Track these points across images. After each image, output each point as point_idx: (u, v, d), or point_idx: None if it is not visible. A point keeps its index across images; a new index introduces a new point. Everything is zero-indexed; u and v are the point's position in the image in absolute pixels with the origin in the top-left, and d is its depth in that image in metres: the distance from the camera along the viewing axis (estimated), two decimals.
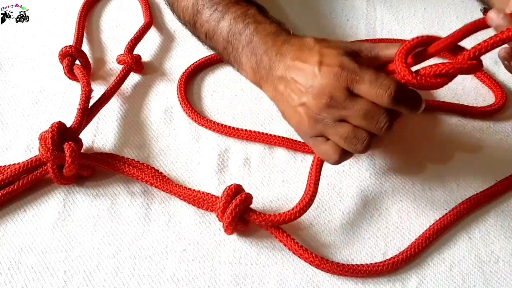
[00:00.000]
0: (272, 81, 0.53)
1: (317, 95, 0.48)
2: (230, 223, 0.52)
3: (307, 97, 0.49)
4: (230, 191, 0.53)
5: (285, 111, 0.53)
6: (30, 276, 0.52)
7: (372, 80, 0.46)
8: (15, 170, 0.56)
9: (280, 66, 0.52)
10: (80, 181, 0.59)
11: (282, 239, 0.53)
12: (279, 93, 0.53)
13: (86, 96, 0.62)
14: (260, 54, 0.54)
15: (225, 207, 0.52)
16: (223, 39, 0.59)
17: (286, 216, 0.52)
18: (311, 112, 0.49)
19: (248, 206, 0.53)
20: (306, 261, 0.52)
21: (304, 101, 0.49)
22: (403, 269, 0.53)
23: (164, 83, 0.70)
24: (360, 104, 0.47)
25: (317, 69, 0.48)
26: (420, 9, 0.79)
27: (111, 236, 0.55)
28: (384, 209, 0.57)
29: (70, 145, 0.56)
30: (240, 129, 0.63)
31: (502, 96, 0.66)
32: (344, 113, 0.48)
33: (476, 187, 0.59)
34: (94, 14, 0.79)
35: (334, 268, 0.52)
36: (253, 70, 0.56)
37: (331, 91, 0.47)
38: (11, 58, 0.73)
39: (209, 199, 0.54)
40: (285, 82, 0.52)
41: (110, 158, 0.59)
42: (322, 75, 0.48)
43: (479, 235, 0.56)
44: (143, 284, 0.52)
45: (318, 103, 0.48)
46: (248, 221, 0.53)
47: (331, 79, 0.47)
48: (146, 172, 0.58)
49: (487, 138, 0.64)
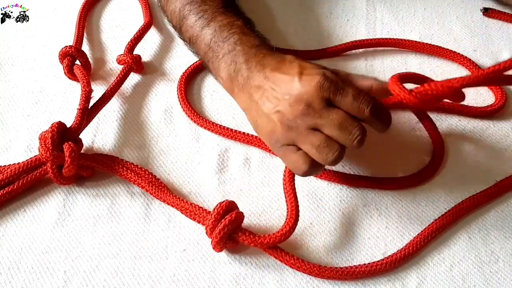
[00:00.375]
0: (248, 90, 0.54)
1: (294, 102, 0.49)
2: (218, 243, 0.51)
3: (283, 105, 0.50)
4: (220, 209, 0.51)
5: (258, 120, 0.53)
6: (30, 276, 0.52)
7: (355, 94, 0.48)
8: (15, 170, 0.56)
9: (259, 75, 0.53)
10: (80, 181, 0.59)
11: (276, 256, 0.52)
12: (254, 102, 0.53)
13: (86, 96, 0.62)
14: (240, 63, 0.55)
15: (214, 226, 0.51)
16: (205, 44, 0.60)
17: (276, 238, 0.51)
18: (286, 119, 0.49)
19: (239, 226, 0.52)
20: (305, 272, 0.52)
21: (279, 109, 0.50)
22: (403, 269, 0.53)
23: (164, 83, 0.70)
24: (336, 114, 0.48)
25: (297, 78, 0.50)
26: (420, 9, 0.79)
27: (111, 236, 0.55)
28: (384, 209, 0.57)
29: (69, 145, 0.56)
30: (239, 132, 0.63)
31: (502, 96, 0.66)
32: (319, 121, 0.48)
33: (476, 187, 0.59)
34: (94, 14, 0.79)
35: (334, 273, 0.51)
36: (230, 77, 0.56)
37: (308, 99, 0.48)
38: (11, 58, 0.73)
39: (200, 213, 0.54)
40: (262, 91, 0.52)
41: (110, 160, 0.59)
42: (302, 83, 0.49)
43: (479, 235, 0.56)
44: (143, 284, 0.52)
45: (294, 110, 0.49)
46: (237, 240, 0.52)
47: (311, 87, 0.48)
48: (144, 178, 0.58)
49: (487, 138, 0.64)
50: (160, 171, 0.60)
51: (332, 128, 0.48)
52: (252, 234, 0.52)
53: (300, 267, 0.52)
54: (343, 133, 0.48)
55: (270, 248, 0.52)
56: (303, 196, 0.58)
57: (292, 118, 0.49)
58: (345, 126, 0.48)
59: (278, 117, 0.50)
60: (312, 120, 0.48)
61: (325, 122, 0.48)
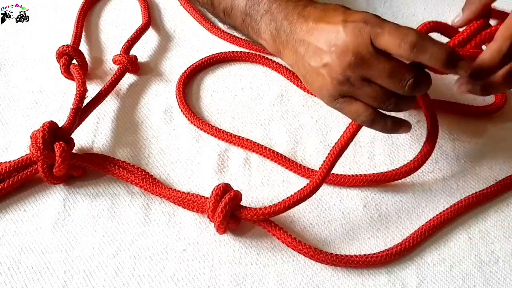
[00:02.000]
0: (293, 45, 0.52)
1: (340, 53, 0.47)
2: (221, 222, 0.52)
3: (330, 57, 0.48)
4: (219, 191, 0.52)
5: (306, 75, 0.52)
6: (30, 276, 0.52)
7: (392, 29, 0.45)
8: (5, 168, 0.56)
9: (302, 28, 0.51)
10: (80, 181, 0.59)
11: (275, 233, 0.53)
12: (300, 57, 0.51)
13: (80, 96, 0.62)
14: (280, 20, 0.53)
15: (215, 207, 0.52)
16: (240, 12, 0.58)
17: (276, 208, 0.52)
18: (335, 72, 0.48)
19: (238, 203, 0.53)
20: (300, 252, 0.52)
21: (327, 61, 0.48)
22: (403, 269, 0.53)
23: (164, 83, 0.70)
24: (384, 63, 0.46)
25: (341, 27, 0.47)
26: (420, 9, 0.79)
27: (111, 236, 0.55)
28: (384, 209, 0.57)
29: (60, 145, 0.56)
30: (238, 137, 0.62)
31: (502, 96, 0.66)
32: (369, 72, 0.46)
33: (476, 187, 0.59)
34: (94, 13, 0.79)
35: (328, 258, 0.52)
36: (272, 37, 0.55)
37: (355, 49, 0.46)
38: (11, 58, 0.73)
39: (198, 201, 0.54)
40: (306, 44, 0.50)
41: (101, 159, 0.59)
42: (347, 32, 0.47)
43: (479, 235, 0.56)
44: (143, 284, 0.52)
45: (342, 62, 0.47)
46: (239, 218, 0.53)
47: (356, 35, 0.46)
48: (136, 175, 0.58)
49: (487, 138, 0.64)
50: (160, 171, 0.60)
51: (383, 77, 0.46)
52: (252, 208, 0.52)
53: (296, 247, 0.52)
54: (394, 81, 0.46)
55: (271, 226, 0.53)
56: None
57: (342, 71, 0.47)
58: (395, 74, 0.46)
59: (327, 71, 0.48)
60: (362, 71, 0.47)
61: (375, 72, 0.46)
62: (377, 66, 0.46)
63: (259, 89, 0.69)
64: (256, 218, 0.53)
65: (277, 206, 0.52)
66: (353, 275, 0.53)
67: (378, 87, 0.47)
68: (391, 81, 0.46)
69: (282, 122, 0.65)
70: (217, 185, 0.53)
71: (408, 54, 0.45)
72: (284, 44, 0.53)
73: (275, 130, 0.64)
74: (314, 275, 0.52)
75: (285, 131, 0.64)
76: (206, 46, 0.74)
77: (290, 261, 0.53)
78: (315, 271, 0.53)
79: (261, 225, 0.54)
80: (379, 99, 0.47)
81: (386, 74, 0.46)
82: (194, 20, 0.78)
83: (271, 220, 0.54)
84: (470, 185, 0.59)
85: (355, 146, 0.62)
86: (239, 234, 0.55)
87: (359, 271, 0.53)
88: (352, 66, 0.47)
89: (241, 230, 0.55)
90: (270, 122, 0.65)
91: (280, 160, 0.60)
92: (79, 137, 0.62)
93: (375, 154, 0.62)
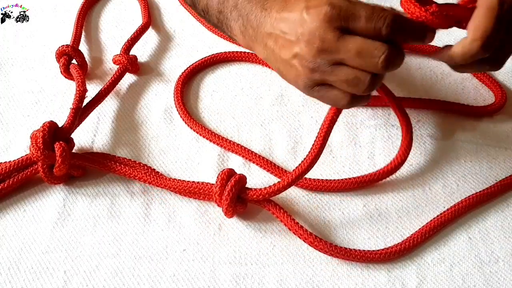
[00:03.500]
0: (261, 40, 0.51)
1: (307, 41, 0.46)
2: (229, 205, 0.53)
3: (298, 47, 0.47)
4: (224, 175, 0.54)
5: (280, 68, 0.51)
6: (30, 276, 0.52)
7: (369, 14, 0.44)
8: (5, 168, 0.56)
9: (267, 21, 0.50)
10: (80, 181, 0.59)
11: (279, 215, 0.54)
12: (270, 50, 0.50)
13: (80, 96, 0.62)
14: (245, 15, 0.52)
15: (222, 191, 0.53)
16: (215, 10, 0.57)
17: (281, 185, 0.53)
18: (306, 61, 0.47)
19: (244, 186, 0.54)
20: (301, 238, 0.53)
21: (296, 51, 0.47)
22: (403, 268, 0.53)
23: (164, 83, 0.70)
24: (351, 43, 0.44)
25: (305, 13, 0.46)
26: None
27: (111, 236, 0.55)
28: (384, 209, 0.57)
29: (60, 145, 0.56)
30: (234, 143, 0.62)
31: (502, 96, 0.66)
32: (338, 56, 0.45)
33: (476, 187, 0.59)
34: (94, 13, 0.79)
35: (327, 247, 0.52)
36: (242, 32, 0.54)
37: (321, 34, 0.45)
38: (11, 58, 0.73)
39: (204, 187, 0.55)
40: (274, 37, 0.49)
41: (102, 157, 0.59)
42: (311, 18, 0.45)
43: (479, 235, 0.56)
44: (143, 284, 0.52)
45: (311, 49, 0.46)
46: (246, 200, 0.54)
47: (321, 20, 0.44)
48: (139, 170, 0.58)
49: (487, 138, 0.64)
50: (160, 171, 0.60)
51: (352, 58, 0.44)
52: (258, 188, 0.53)
53: (297, 231, 0.53)
54: (366, 60, 0.44)
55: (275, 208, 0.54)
56: (303, 196, 0.58)
57: (312, 59, 0.46)
58: (364, 53, 0.44)
59: (298, 61, 0.47)
60: (330, 56, 0.45)
61: (344, 54, 0.45)
62: (345, 48, 0.44)
63: (259, 89, 0.69)
64: (262, 197, 0.53)
65: (281, 183, 0.53)
66: (353, 275, 0.53)
67: (351, 70, 0.45)
68: (363, 60, 0.44)
69: (282, 122, 0.65)
70: (222, 170, 0.54)
71: (386, 36, 0.44)
72: (253, 39, 0.52)
73: (275, 130, 0.64)
74: (314, 275, 0.52)
75: (285, 131, 0.64)
76: (206, 46, 0.74)
77: (290, 261, 0.53)
78: (315, 271, 0.53)
79: (266, 207, 0.54)
80: (352, 81, 0.45)
81: (356, 53, 0.44)
82: (194, 20, 0.78)
83: (276, 203, 0.54)
84: (470, 185, 0.59)
85: (355, 146, 0.62)
86: (239, 234, 0.55)
87: (359, 271, 0.53)
88: (320, 52, 0.45)
89: (241, 231, 0.55)
90: (270, 122, 0.65)
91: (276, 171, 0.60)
92: (79, 137, 0.62)
93: (375, 154, 0.62)
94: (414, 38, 0.46)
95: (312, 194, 0.59)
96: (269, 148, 0.63)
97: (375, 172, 0.59)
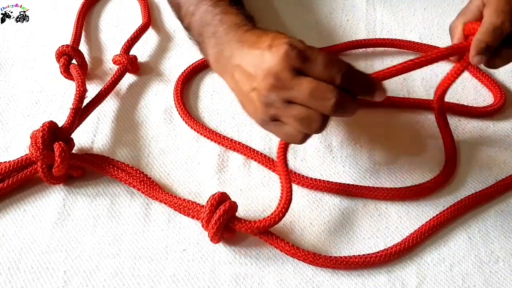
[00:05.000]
0: (230, 70, 0.52)
1: (264, 77, 0.47)
2: (215, 233, 0.51)
3: (257, 81, 0.48)
4: (214, 201, 0.52)
5: (241, 100, 0.52)
6: (30, 276, 0.52)
7: (326, 60, 0.46)
8: (5, 168, 0.56)
9: (238, 54, 0.51)
10: (80, 181, 0.59)
11: (272, 242, 0.53)
12: (235, 82, 0.52)
13: (80, 96, 0.62)
14: (222, 44, 0.54)
15: (210, 217, 0.51)
16: (196, 32, 0.59)
17: (271, 220, 0.52)
18: (261, 96, 0.48)
19: (233, 215, 0.52)
20: (300, 259, 0.52)
21: (254, 86, 0.49)
22: (403, 268, 0.53)
23: (164, 83, 0.70)
24: (305, 84, 0.46)
25: (267, 50, 0.48)
26: (420, 9, 0.79)
27: (111, 236, 0.55)
28: (384, 209, 0.58)
29: (60, 145, 0.56)
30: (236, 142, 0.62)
31: (501, 96, 0.66)
32: (290, 94, 0.46)
33: (476, 187, 0.59)
34: (94, 13, 0.79)
35: (328, 262, 0.52)
36: (216, 60, 0.55)
37: (276, 72, 0.46)
38: (11, 58, 0.73)
39: (193, 208, 0.54)
40: (240, 69, 0.51)
41: (100, 159, 0.59)
42: (271, 55, 0.47)
43: (479, 235, 0.56)
44: (143, 284, 0.52)
45: (266, 85, 0.47)
46: (233, 229, 0.53)
47: (278, 58, 0.46)
48: (135, 177, 0.58)
49: (487, 138, 0.64)
50: (160, 171, 0.60)
51: (304, 98, 0.46)
52: (247, 221, 0.52)
53: (295, 254, 0.52)
54: (316, 101, 0.46)
55: (267, 235, 0.53)
56: (303, 196, 0.58)
57: (266, 94, 0.47)
58: (317, 94, 0.45)
59: (256, 95, 0.49)
60: (284, 93, 0.47)
61: (296, 93, 0.46)
62: (299, 87, 0.46)
63: None
64: (250, 231, 0.52)
65: (271, 218, 0.52)
66: (353, 275, 0.53)
67: (303, 109, 0.47)
68: (314, 101, 0.46)
69: None
70: (213, 194, 0.53)
71: (339, 84, 0.46)
72: (224, 68, 0.54)
73: None
74: (314, 276, 0.52)
75: None
76: None
77: (290, 261, 0.53)
78: (315, 272, 0.53)
79: (257, 235, 0.53)
80: (304, 120, 0.47)
81: (307, 95, 0.46)
82: None
83: (268, 230, 0.53)
84: (470, 185, 0.59)
85: (355, 145, 0.62)
86: (238, 235, 0.55)
87: (359, 271, 0.53)
88: (274, 89, 0.47)
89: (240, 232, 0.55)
90: None
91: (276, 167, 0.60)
92: (79, 137, 0.62)
93: (375, 154, 0.62)
94: (363, 91, 0.48)
95: (312, 194, 0.59)
96: (269, 148, 0.62)
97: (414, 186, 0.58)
